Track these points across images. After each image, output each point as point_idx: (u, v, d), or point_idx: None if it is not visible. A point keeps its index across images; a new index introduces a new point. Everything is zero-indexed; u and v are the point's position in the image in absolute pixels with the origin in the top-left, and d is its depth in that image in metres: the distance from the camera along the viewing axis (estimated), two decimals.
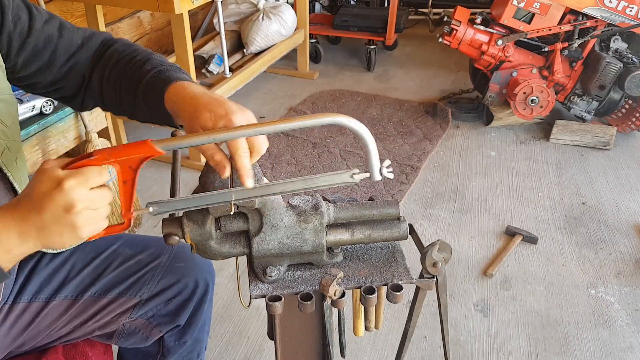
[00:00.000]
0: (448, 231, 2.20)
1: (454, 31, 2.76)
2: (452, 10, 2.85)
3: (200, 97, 0.76)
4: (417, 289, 0.86)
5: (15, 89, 0.90)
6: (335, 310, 0.84)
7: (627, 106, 2.82)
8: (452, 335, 1.73)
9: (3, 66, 0.85)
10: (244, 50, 3.29)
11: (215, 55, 3.05)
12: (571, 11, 2.66)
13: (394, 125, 3.00)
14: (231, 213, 0.76)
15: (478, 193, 2.44)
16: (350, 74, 3.71)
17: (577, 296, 1.88)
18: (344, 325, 0.92)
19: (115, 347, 1.14)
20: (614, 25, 2.63)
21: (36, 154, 1.81)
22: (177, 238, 0.79)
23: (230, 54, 3.18)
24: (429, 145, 2.79)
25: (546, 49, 2.74)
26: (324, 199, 0.87)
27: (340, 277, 0.75)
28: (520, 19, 2.69)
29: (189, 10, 2.20)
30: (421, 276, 0.84)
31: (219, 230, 0.79)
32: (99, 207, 0.65)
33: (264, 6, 3.33)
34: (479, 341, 1.71)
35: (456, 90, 3.35)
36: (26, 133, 1.76)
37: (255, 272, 0.82)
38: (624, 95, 2.69)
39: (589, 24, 2.66)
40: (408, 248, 0.90)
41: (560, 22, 2.67)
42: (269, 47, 3.24)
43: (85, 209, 0.63)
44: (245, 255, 0.83)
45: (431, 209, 2.33)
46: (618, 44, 2.70)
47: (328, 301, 0.77)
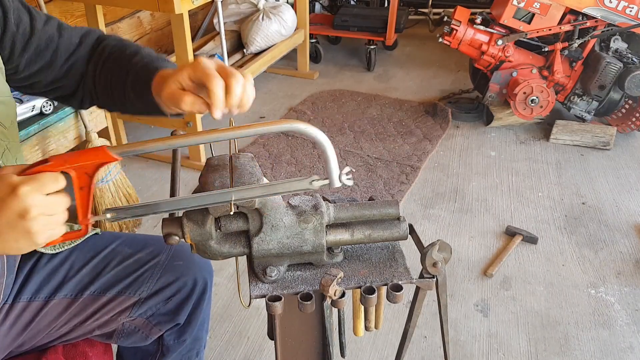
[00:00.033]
0: (448, 231, 2.20)
1: (454, 31, 2.76)
2: (452, 10, 2.85)
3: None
4: (417, 289, 0.86)
5: (13, 90, 0.92)
6: (335, 310, 0.84)
7: (627, 106, 2.82)
8: (452, 335, 1.73)
9: (3, 68, 0.86)
10: (244, 50, 3.29)
11: (215, 55, 3.05)
12: (571, 11, 2.66)
13: (394, 125, 3.00)
14: (231, 213, 0.76)
15: (478, 193, 2.44)
16: (350, 74, 3.71)
17: (577, 296, 1.88)
18: (344, 325, 0.92)
19: (114, 347, 1.14)
20: (614, 25, 2.63)
21: (36, 154, 1.81)
22: (177, 238, 0.79)
23: (230, 54, 3.18)
24: (429, 145, 2.79)
25: (546, 49, 2.74)
26: (324, 199, 0.87)
27: (340, 277, 0.75)
28: (520, 19, 2.69)
29: (189, 10, 2.20)
30: (421, 276, 0.84)
31: (219, 230, 0.79)
32: (55, 213, 0.64)
33: (264, 6, 3.33)
34: (479, 341, 1.71)
35: (456, 90, 3.35)
36: (26, 133, 1.75)
37: (255, 272, 0.82)
38: (624, 95, 2.69)
39: (589, 24, 2.66)
40: (408, 248, 0.90)
41: (560, 22, 2.67)
42: (269, 47, 3.24)
43: (40, 215, 0.62)
44: (245, 255, 0.83)
45: (431, 209, 2.33)
46: (618, 44, 2.70)
47: (328, 301, 0.77)
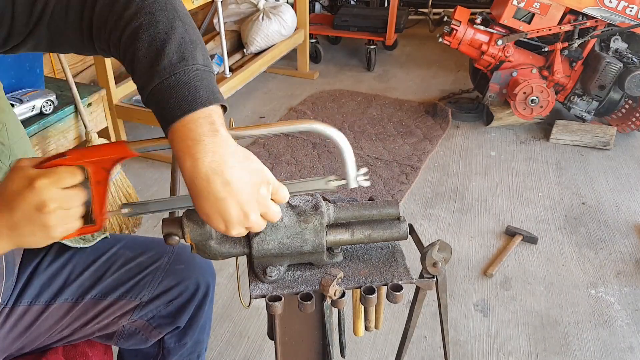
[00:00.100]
0: (448, 231, 2.20)
1: (454, 31, 2.76)
2: (452, 10, 2.85)
3: (194, 186, 0.63)
4: (417, 289, 0.86)
5: (10, 91, 0.89)
6: (335, 310, 0.84)
7: (627, 106, 2.82)
8: (452, 335, 1.72)
9: None
10: (244, 50, 3.29)
11: (215, 55, 3.05)
12: (571, 11, 2.66)
13: (394, 125, 3.00)
14: None
15: (478, 193, 2.44)
16: (350, 74, 3.71)
17: (577, 296, 1.88)
18: (344, 325, 0.92)
19: (115, 348, 1.14)
20: (614, 25, 2.63)
21: (36, 154, 1.81)
22: (177, 238, 0.79)
23: (230, 54, 3.19)
24: (429, 145, 2.79)
25: (546, 49, 2.74)
26: (324, 199, 0.87)
27: (340, 277, 0.75)
28: (520, 19, 2.69)
29: (189, 10, 2.20)
30: (421, 276, 0.84)
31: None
32: (72, 207, 0.64)
33: (264, 6, 3.33)
34: (479, 341, 1.71)
35: (456, 90, 3.35)
36: (26, 133, 1.75)
37: (255, 272, 0.82)
38: (624, 95, 2.69)
39: (589, 24, 2.66)
40: (408, 248, 0.90)
41: (560, 22, 2.67)
42: (269, 47, 3.24)
43: (57, 209, 0.62)
44: (245, 255, 0.83)
45: (431, 209, 2.33)
46: (618, 44, 2.70)
47: (328, 301, 0.77)
